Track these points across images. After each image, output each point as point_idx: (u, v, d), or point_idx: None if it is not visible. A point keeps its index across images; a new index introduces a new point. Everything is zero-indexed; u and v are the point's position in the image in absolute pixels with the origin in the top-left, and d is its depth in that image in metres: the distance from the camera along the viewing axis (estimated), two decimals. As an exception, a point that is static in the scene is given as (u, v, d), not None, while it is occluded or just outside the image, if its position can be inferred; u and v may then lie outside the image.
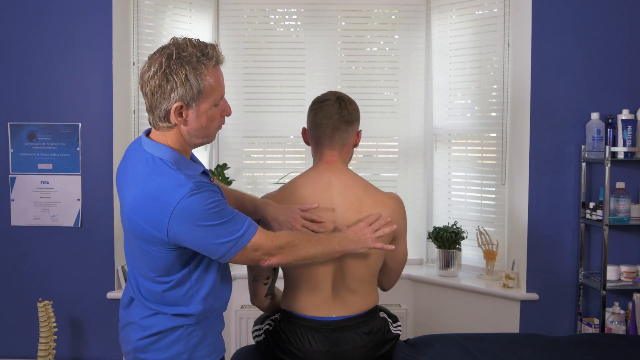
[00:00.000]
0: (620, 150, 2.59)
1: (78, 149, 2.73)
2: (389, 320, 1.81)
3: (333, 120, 1.69)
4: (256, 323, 1.87)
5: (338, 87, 3.12)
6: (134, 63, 2.82)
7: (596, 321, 2.66)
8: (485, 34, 2.93)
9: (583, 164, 2.69)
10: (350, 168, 1.77)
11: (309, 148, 1.79)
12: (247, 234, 1.37)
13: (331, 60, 3.18)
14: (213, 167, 3.12)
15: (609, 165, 2.52)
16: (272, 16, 3.22)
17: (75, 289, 2.76)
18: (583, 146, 2.69)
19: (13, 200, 2.74)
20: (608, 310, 2.64)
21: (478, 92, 3.00)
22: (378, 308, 1.80)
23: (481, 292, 2.81)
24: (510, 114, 2.83)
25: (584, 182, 2.70)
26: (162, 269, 1.39)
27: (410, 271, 3.05)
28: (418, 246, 3.23)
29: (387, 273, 1.82)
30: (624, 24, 2.68)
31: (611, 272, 2.64)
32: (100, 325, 2.77)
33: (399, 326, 1.84)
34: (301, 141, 2.00)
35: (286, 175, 3.14)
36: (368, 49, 3.22)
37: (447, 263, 2.97)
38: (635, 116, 2.65)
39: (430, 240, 3.07)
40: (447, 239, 2.96)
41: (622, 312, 2.64)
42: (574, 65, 2.69)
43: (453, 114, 3.10)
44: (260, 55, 3.19)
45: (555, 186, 2.72)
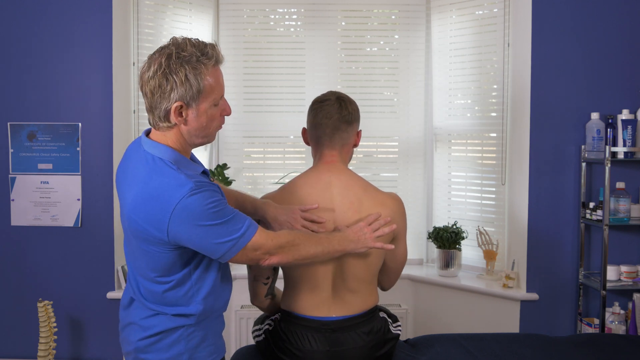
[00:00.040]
0: (620, 150, 2.59)
1: (78, 149, 2.73)
2: (389, 320, 1.81)
3: (333, 120, 1.69)
4: (256, 323, 1.87)
5: (338, 87, 3.12)
6: (134, 63, 2.82)
7: (596, 321, 2.66)
8: (485, 34, 2.93)
9: (583, 164, 2.69)
10: (350, 168, 1.77)
11: (309, 148, 1.79)
12: (248, 234, 1.37)
13: (331, 60, 3.18)
14: (213, 167, 3.12)
15: (609, 165, 2.52)
16: (272, 16, 3.22)
17: (75, 289, 2.76)
18: (583, 146, 2.69)
19: (13, 200, 2.75)
20: (608, 310, 2.64)
21: (478, 92, 3.00)
22: (378, 308, 1.80)
23: (481, 292, 2.81)
24: (510, 114, 2.83)
25: (584, 182, 2.70)
26: (162, 269, 1.39)
27: (410, 271, 3.05)
28: (418, 246, 3.23)
29: (387, 273, 1.82)
30: (624, 24, 2.68)
31: (611, 272, 2.64)
32: (100, 325, 2.77)
33: (399, 326, 1.84)
34: (301, 141, 2.00)
35: (286, 175, 3.13)
36: (368, 49, 3.22)
37: (447, 263, 2.97)
38: (635, 116, 2.65)
39: (430, 240, 3.07)
40: (447, 239, 2.95)
41: (622, 312, 2.64)
42: (574, 65, 2.69)
43: (453, 114, 3.10)
44: (260, 55, 3.19)
45: (555, 186, 2.72)
